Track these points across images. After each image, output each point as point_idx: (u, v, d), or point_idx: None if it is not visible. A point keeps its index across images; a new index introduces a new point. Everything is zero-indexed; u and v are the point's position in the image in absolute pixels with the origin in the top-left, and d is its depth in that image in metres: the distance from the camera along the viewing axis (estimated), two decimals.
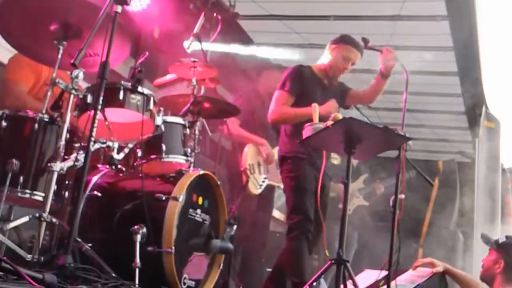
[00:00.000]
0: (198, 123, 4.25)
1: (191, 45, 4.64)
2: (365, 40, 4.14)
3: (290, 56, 6.81)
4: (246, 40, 7.74)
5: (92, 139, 2.98)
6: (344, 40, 4.51)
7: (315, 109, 3.63)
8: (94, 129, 2.99)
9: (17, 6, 3.34)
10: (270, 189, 5.80)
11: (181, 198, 3.41)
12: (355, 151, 3.45)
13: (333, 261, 3.40)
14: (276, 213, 7.08)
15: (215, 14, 4.75)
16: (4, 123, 3.34)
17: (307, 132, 3.51)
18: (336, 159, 6.01)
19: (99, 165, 3.84)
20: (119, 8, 3.12)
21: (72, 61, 2.86)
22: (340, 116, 3.48)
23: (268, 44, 8.02)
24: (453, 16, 6.70)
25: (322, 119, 3.68)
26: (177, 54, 5.10)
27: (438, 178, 7.91)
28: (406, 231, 7.48)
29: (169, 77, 5.04)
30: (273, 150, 5.60)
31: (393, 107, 9.27)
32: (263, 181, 5.72)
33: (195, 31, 4.63)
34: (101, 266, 3.05)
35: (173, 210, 3.37)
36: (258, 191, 5.65)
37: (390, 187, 6.99)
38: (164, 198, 3.42)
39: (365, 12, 7.01)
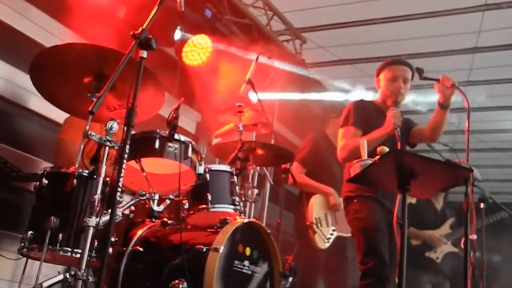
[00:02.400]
0: (251, 171, 4.05)
1: (244, 90, 4.49)
2: (419, 70, 3.83)
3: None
4: (318, 86, 7.61)
5: (119, 189, 2.83)
6: (382, 67, 4.27)
7: (364, 145, 3.34)
8: (121, 179, 2.85)
9: (52, 59, 3.32)
10: (341, 241, 5.44)
11: (222, 249, 3.19)
12: (410, 188, 3.10)
13: None
14: None
15: (267, 59, 4.57)
16: (45, 181, 3.31)
17: (355, 169, 3.22)
18: (412, 198, 5.61)
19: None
20: (144, 54, 3.03)
21: (89, 109, 2.76)
22: (386, 149, 3.16)
23: (341, 90, 7.88)
24: None
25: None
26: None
27: None
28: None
29: (227, 127, 4.90)
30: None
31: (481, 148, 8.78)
32: (332, 234, 5.40)
33: (247, 76, 4.48)
34: None
35: (213, 262, 3.16)
36: (326, 245, 5.33)
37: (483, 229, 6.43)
38: (204, 249, 3.22)
39: (438, 48, 6.70)
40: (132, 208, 3.67)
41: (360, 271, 3.93)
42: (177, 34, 5.65)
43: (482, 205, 5.58)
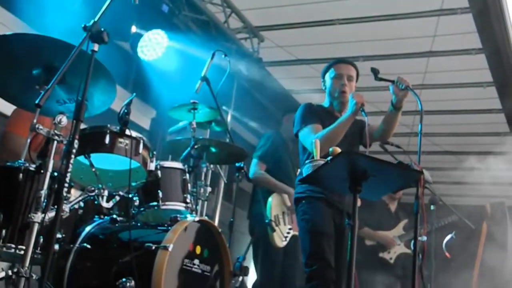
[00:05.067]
0: (205, 168, 4.01)
1: (199, 87, 4.42)
2: (374, 71, 3.84)
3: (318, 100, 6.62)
4: (274, 85, 7.62)
5: (66, 185, 2.76)
6: (327, 67, 4.30)
7: (317, 145, 3.33)
8: (68, 174, 2.78)
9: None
10: (296, 241, 5.42)
11: (172, 247, 3.14)
12: (361, 189, 3.10)
13: None
14: None
15: (224, 56, 4.52)
16: None
17: (307, 170, 3.21)
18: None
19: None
20: (95, 47, 2.96)
21: (36, 102, 2.68)
22: (338, 150, 3.16)
23: (298, 90, 7.92)
24: (488, 49, 6.36)
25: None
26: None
27: (486, 221, 7.37)
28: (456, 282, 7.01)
29: (182, 124, 4.83)
30: None
31: (434, 150, 8.92)
32: (288, 232, 5.39)
33: (202, 73, 4.42)
34: None
35: (163, 261, 3.11)
36: (283, 243, 5.31)
37: (434, 231, 6.51)
38: (154, 247, 3.16)
39: (395, 51, 6.77)
40: (81, 204, 3.59)
41: (305, 273, 3.92)
42: (132, 28, 5.57)
43: (432, 207, 5.68)
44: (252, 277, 5.65)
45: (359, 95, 3.88)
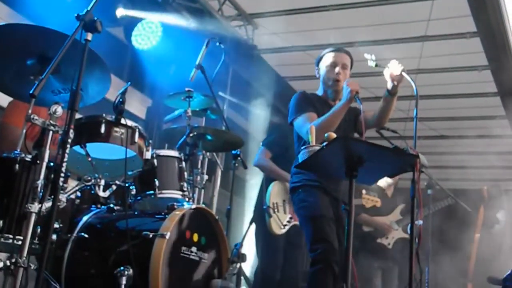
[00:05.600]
0: (201, 156, 4.01)
1: (194, 75, 4.42)
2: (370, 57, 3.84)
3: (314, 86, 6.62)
4: (271, 73, 7.61)
5: (62, 175, 2.76)
6: (321, 56, 4.28)
7: (312, 131, 3.33)
8: (64, 164, 2.78)
9: None
10: (297, 230, 5.43)
11: (169, 235, 3.15)
12: (357, 174, 3.11)
13: None
14: None
15: (218, 44, 4.51)
16: None
17: (302, 155, 3.21)
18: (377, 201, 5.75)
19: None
20: (89, 36, 2.95)
21: (31, 92, 2.68)
22: (334, 135, 3.16)
23: (293, 77, 7.90)
24: (483, 32, 6.36)
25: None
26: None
27: (484, 205, 7.40)
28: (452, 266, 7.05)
29: (177, 112, 4.82)
30: None
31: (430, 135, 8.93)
32: (288, 221, 5.39)
33: (197, 62, 4.42)
34: None
35: (160, 249, 3.12)
36: (282, 231, 5.30)
37: (430, 215, 6.53)
38: (151, 236, 3.18)
39: (389, 36, 6.76)
40: (78, 194, 3.60)
41: (310, 258, 3.94)
42: (119, 11, 5.54)
43: (429, 191, 5.70)
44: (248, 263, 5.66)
45: (354, 83, 3.88)
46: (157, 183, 3.69)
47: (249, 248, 5.38)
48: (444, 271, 6.85)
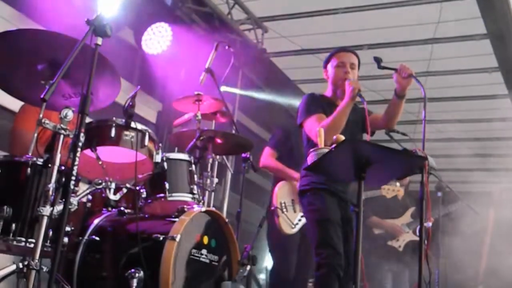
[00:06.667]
0: (211, 159, 4.03)
1: (203, 79, 4.45)
2: (377, 59, 3.85)
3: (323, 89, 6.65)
4: (281, 76, 7.63)
5: (73, 178, 2.79)
6: (328, 57, 4.28)
7: (321, 133, 3.34)
8: (75, 168, 2.81)
9: (4, 45, 3.22)
10: None
11: (179, 238, 3.17)
12: (366, 176, 3.12)
13: None
14: None
15: (227, 47, 4.54)
16: None
17: (311, 158, 3.23)
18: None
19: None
20: (99, 40, 2.98)
21: (42, 96, 2.71)
22: (342, 138, 3.18)
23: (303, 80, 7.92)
24: (493, 34, 6.34)
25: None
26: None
27: (494, 208, 7.37)
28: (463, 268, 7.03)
29: (187, 116, 4.85)
30: None
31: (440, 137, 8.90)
32: (300, 220, 5.39)
33: (207, 65, 4.45)
34: None
35: (170, 251, 3.15)
36: (293, 230, 5.29)
37: (441, 217, 6.51)
38: (161, 238, 3.20)
39: (398, 38, 6.76)
40: (89, 197, 3.63)
41: (315, 262, 3.95)
42: None
43: (439, 193, 5.68)
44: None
45: (355, 81, 3.90)
46: (167, 186, 3.72)
47: (262, 249, 5.40)
48: (454, 273, 6.83)
